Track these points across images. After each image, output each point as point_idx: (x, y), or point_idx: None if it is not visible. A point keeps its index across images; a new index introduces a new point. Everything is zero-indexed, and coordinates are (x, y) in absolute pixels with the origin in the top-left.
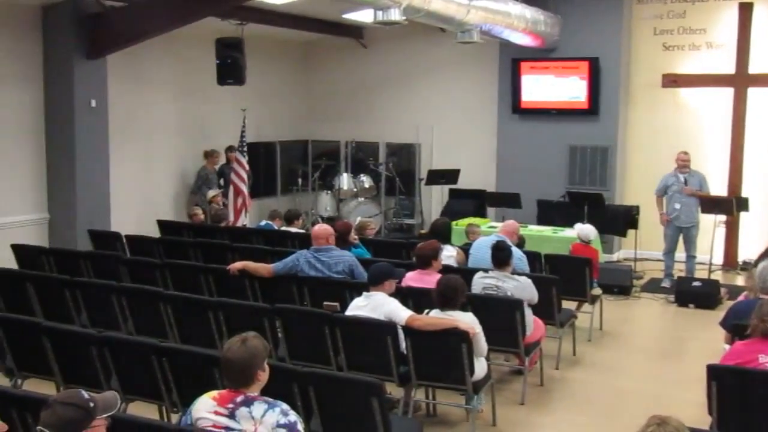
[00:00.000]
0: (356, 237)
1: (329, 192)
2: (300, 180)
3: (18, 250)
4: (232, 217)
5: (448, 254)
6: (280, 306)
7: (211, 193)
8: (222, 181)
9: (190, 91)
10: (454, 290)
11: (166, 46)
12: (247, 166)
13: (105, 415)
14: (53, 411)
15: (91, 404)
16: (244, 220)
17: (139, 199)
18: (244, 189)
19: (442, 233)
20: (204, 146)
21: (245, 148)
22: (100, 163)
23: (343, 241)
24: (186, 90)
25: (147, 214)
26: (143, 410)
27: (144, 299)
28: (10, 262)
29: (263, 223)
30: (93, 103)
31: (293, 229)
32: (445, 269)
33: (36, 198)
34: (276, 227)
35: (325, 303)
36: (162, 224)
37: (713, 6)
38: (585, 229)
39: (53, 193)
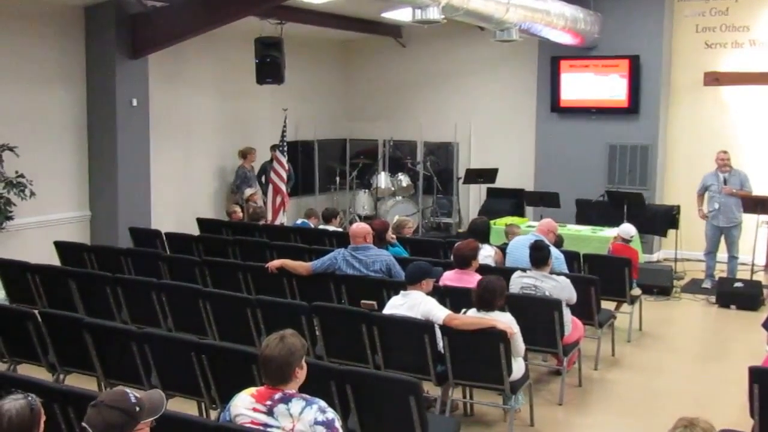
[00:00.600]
0: (394, 236)
1: (367, 191)
2: (338, 179)
3: (61, 247)
4: (270, 216)
5: (486, 254)
6: (318, 304)
7: (248, 191)
8: (264, 179)
9: (229, 90)
10: (494, 293)
11: (206, 45)
12: (286, 165)
13: (150, 419)
14: (98, 412)
15: (137, 408)
16: (282, 219)
17: (179, 197)
18: (283, 187)
19: (480, 232)
20: (243, 145)
21: (285, 147)
22: (141, 161)
23: (380, 239)
24: (225, 89)
25: (186, 213)
26: (183, 406)
27: (183, 296)
28: (53, 259)
29: (299, 221)
30: (134, 102)
31: (331, 228)
32: (483, 269)
33: (78, 196)
34: (312, 225)
35: (363, 301)
36: (201, 222)
37: (757, 3)
38: (627, 228)
39: (95, 191)
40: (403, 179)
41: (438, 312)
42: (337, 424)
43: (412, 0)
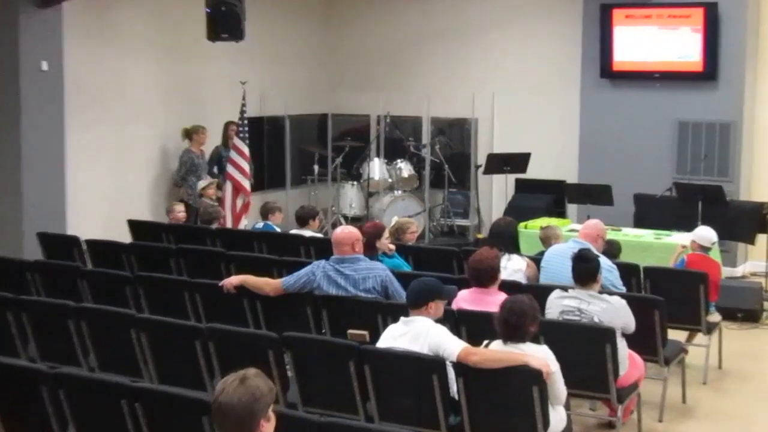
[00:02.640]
0: (392, 247)
1: (355, 183)
2: (316, 167)
3: None
4: (230, 222)
5: (515, 267)
6: (290, 335)
7: (201, 183)
8: (217, 169)
9: (172, 50)
10: (523, 316)
11: None
12: (247, 153)
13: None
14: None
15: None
16: (245, 222)
17: (105, 192)
18: (246, 184)
19: (506, 238)
20: (191, 123)
21: (246, 129)
22: (53, 145)
23: (373, 248)
24: (167, 49)
25: (115, 213)
26: None
27: (111, 325)
28: None
29: (260, 224)
30: (44, 66)
31: (307, 233)
32: (511, 286)
33: None
34: (276, 228)
35: (350, 331)
36: (134, 225)
37: None
38: (705, 233)
39: None
40: (404, 168)
41: (451, 344)
42: None
43: None
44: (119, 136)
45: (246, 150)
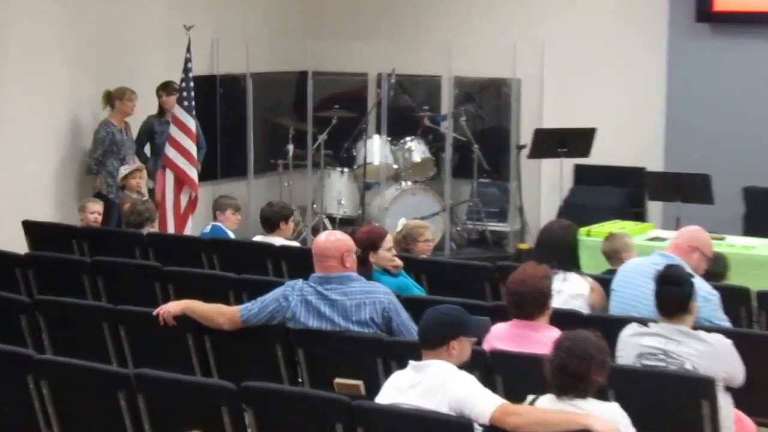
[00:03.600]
0: (398, 261)
1: (346, 170)
2: (291, 147)
3: None
4: (172, 222)
5: (574, 290)
6: (253, 385)
7: (124, 169)
8: (150, 150)
9: None
10: (586, 361)
11: None
12: (194, 129)
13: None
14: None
15: None
16: (190, 226)
17: None
18: (191, 171)
19: (560, 250)
20: (112, 84)
21: (191, 93)
22: None
23: (368, 263)
24: None
25: (6, 212)
26: None
27: (1, 369)
28: None
29: (208, 227)
30: None
31: (278, 240)
32: (567, 318)
33: None
34: (226, 230)
35: (338, 380)
36: (32, 229)
37: None
38: None
39: None
40: (415, 149)
41: (481, 401)
42: None
43: None
44: (9, 107)
45: (192, 124)
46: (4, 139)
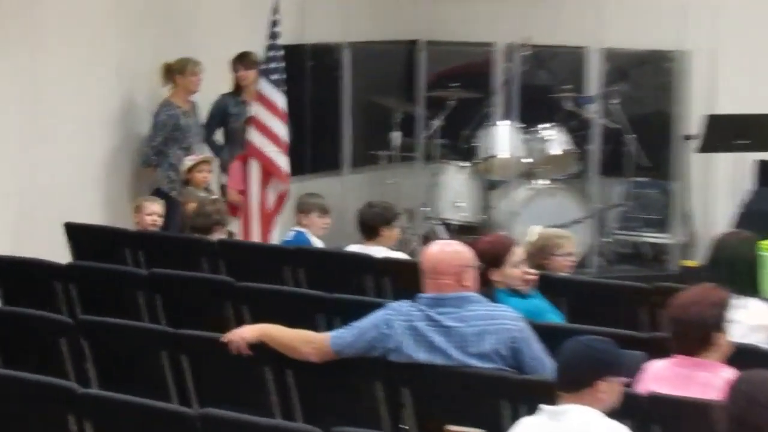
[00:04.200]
0: (531, 278)
1: (466, 165)
2: (397, 135)
3: None
4: (257, 227)
5: (754, 321)
6: (344, 431)
7: (189, 161)
8: (225, 136)
9: None
10: None
11: None
12: (283, 108)
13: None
14: None
15: None
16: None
17: (18, 179)
18: (282, 160)
19: (737, 269)
20: (175, 55)
21: (280, 60)
22: None
23: (491, 280)
24: None
25: (40, 213)
26: None
27: (37, 405)
28: None
29: (290, 234)
30: None
31: (379, 251)
32: (745, 355)
33: None
34: (311, 238)
35: (452, 428)
36: (77, 234)
37: None
38: None
39: None
40: (554, 138)
41: None
42: None
43: None
44: (37, 80)
45: (281, 101)
46: (43, 126)
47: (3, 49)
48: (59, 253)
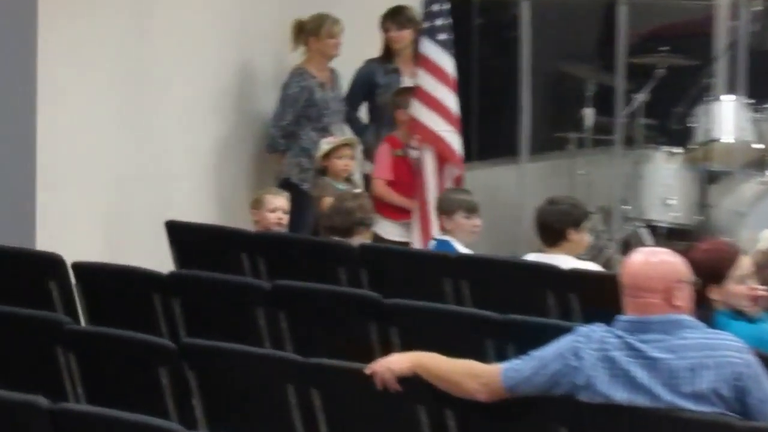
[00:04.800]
0: (762, 293)
1: (677, 151)
2: (590, 113)
3: None
4: (417, 230)
5: None
6: None
7: (326, 144)
8: (368, 111)
9: None
10: None
11: None
12: (452, 71)
13: None
14: None
15: None
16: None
17: (117, 169)
18: (455, 140)
19: None
20: (302, 12)
21: (447, 16)
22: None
23: (710, 299)
24: None
25: (145, 209)
26: None
27: None
28: None
29: (431, 245)
30: None
31: (564, 260)
32: None
33: None
34: (455, 245)
35: None
36: (181, 235)
37: None
38: None
39: None
40: None
41: None
42: None
43: None
44: (141, 49)
45: (450, 66)
46: (146, 104)
47: (105, 19)
48: (159, 259)
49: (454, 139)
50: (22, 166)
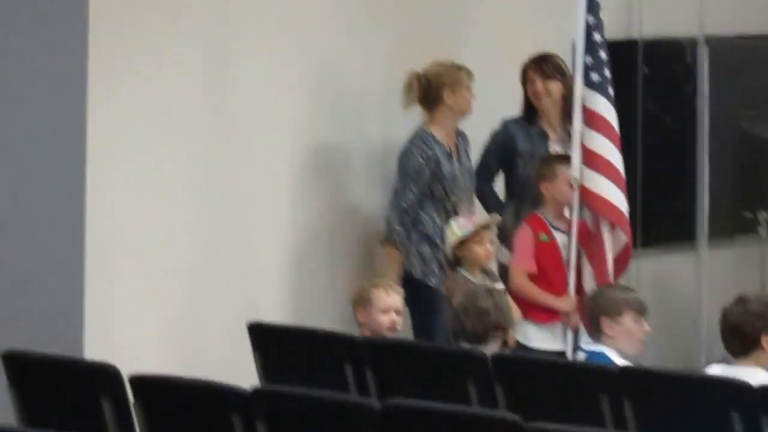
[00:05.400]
0: None
1: None
2: None
3: None
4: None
5: None
6: None
7: (459, 228)
8: (505, 184)
9: None
10: None
11: None
12: (615, 122)
13: None
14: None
15: None
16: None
17: (185, 257)
18: (620, 201)
19: None
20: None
21: (602, 61)
22: (64, 134)
23: None
24: None
25: (212, 307)
26: None
27: None
28: None
29: (580, 356)
30: None
31: (756, 374)
32: None
33: None
34: (611, 356)
35: None
36: (266, 339)
37: None
38: None
39: None
40: None
41: None
42: None
43: None
44: (215, 111)
45: (612, 115)
46: (218, 179)
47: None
48: (240, 370)
49: (620, 200)
50: (67, 251)
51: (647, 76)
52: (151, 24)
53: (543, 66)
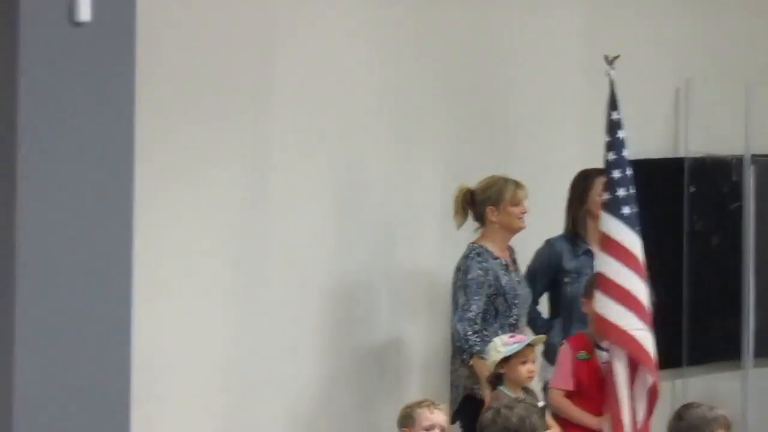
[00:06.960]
0: None
1: None
2: None
3: None
4: None
5: None
6: None
7: (505, 345)
8: (550, 302)
9: None
10: None
11: None
12: (640, 252)
13: None
14: None
15: None
16: None
17: (215, 380)
18: (645, 338)
19: None
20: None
21: (628, 184)
22: (110, 222)
23: None
24: None
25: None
26: None
27: None
28: None
29: None
30: (83, 12)
31: None
32: None
33: None
34: None
35: None
36: None
37: None
38: None
39: None
40: None
41: None
42: None
43: None
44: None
45: (638, 245)
46: (249, 288)
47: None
48: None
49: (647, 339)
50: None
51: (694, 194)
52: (195, 136)
53: (594, 180)
